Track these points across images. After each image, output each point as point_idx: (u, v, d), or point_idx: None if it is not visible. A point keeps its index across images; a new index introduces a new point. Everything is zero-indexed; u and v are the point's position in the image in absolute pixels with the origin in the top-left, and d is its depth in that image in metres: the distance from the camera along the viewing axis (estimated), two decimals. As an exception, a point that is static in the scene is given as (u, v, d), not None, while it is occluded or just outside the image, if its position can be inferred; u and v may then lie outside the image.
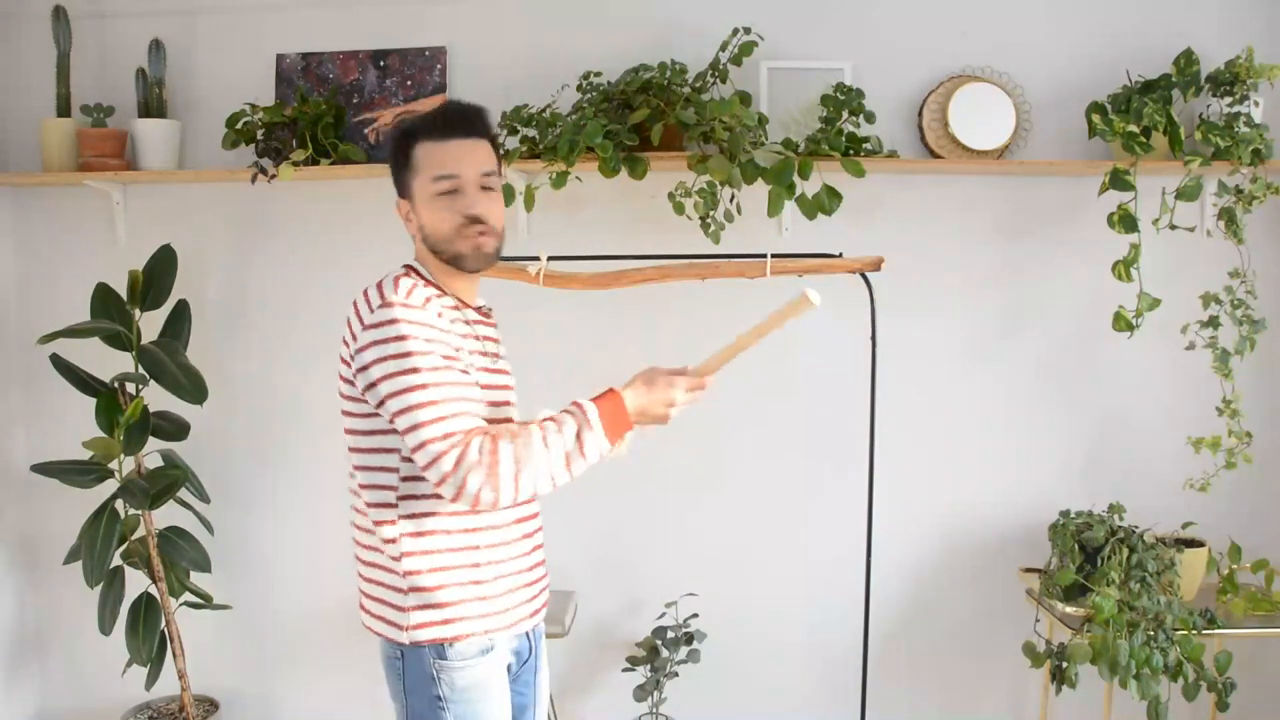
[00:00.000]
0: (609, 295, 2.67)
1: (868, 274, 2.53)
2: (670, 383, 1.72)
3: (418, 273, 1.75)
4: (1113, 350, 2.85)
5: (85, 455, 2.83)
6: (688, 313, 2.92)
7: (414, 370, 1.59)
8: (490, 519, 1.69)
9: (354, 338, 1.67)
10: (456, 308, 1.74)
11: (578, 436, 1.62)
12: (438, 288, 1.74)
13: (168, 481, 2.82)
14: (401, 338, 1.60)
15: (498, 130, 1.82)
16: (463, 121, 1.71)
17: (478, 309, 1.84)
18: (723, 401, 2.99)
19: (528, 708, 1.89)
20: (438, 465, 1.55)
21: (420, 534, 1.66)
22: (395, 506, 1.67)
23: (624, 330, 2.97)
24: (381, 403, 1.62)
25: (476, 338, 1.76)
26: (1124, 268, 2.60)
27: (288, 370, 3.07)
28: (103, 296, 2.86)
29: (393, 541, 1.67)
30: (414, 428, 1.57)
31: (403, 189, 1.77)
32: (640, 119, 2.63)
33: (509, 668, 1.81)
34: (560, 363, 2.99)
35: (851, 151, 2.70)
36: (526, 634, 1.83)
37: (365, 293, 1.69)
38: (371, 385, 1.63)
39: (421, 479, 1.64)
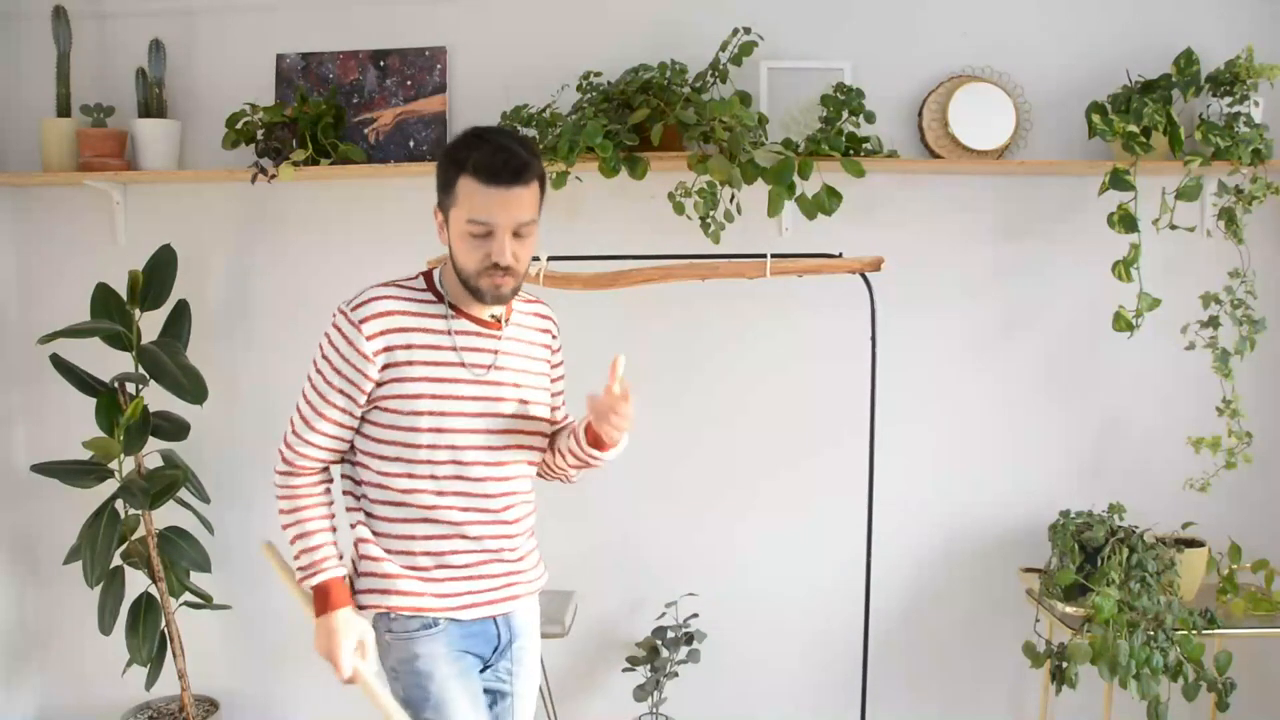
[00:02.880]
0: (609, 295, 2.67)
1: (867, 274, 2.54)
2: (336, 647, 1.77)
3: (428, 276, 1.85)
4: (1113, 350, 2.85)
5: (85, 455, 2.83)
6: (688, 313, 2.93)
7: (310, 378, 1.80)
8: (433, 527, 1.81)
9: None
10: (445, 317, 1.81)
11: (298, 559, 1.84)
12: (432, 288, 1.83)
13: (168, 481, 2.82)
14: (326, 343, 1.79)
15: (545, 169, 1.83)
16: (509, 171, 1.71)
17: (484, 320, 1.85)
18: (723, 402, 3.00)
19: (507, 695, 1.93)
20: (276, 466, 1.84)
21: (371, 521, 1.85)
22: (359, 501, 1.86)
23: (624, 330, 2.97)
24: None
25: (454, 349, 1.80)
26: (1124, 268, 2.60)
27: (288, 370, 3.05)
28: (103, 296, 2.87)
29: (353, 527, 1.88)
30: (290, 422, 1.82)
31: (441, 204, 1.79)
32: (640, 119, 2.63)
33: (477, 655, 1.86)
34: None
35: (851, 151, 2.70)
36: (494, 620, 1.87)
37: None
38: None
39: (375, 485, 1.82)
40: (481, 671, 1.89)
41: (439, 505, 1.78)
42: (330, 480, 1.88)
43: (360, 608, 1.82)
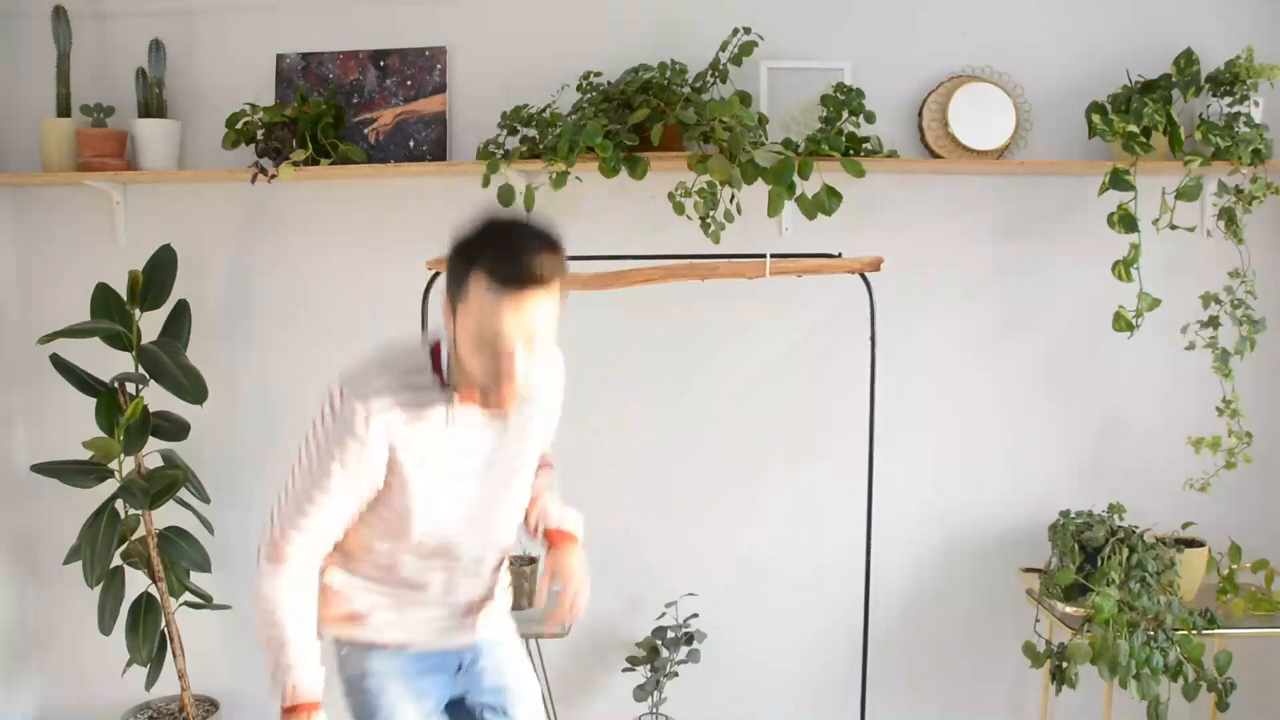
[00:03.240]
0: (609, 295, 2.67)
1: (867, 274, 2.53)
2: None
3: (436, 355, 1.67)
4: (1113, 350, 2.85)
5: (85, 455, 2.83)
6: (688, 313, 2.93)
7: (304, 457, 1.65)
8: (409, 590, 1.79)
9: None
10: (447, 408, 1.66)
11: (273, 665, 1.67)
12: (440, 376, 1.66)
13: (168, 481, 2.82)
14: (322, 424, 1.63)
15: (566, 260, 1.59)
16: (527, 277, 1.50)
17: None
18: (723, 401, 3.00)
19: (503, 689, 1.90)
20: (261, 546, 1.70)
21: (346, 564, 1.80)
22: (334, 548, 1.76)
23: (624, 330, 2.97)
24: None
25: (457, 447, 1.68)
26: (1124, 268, 2.60)
27: (288, 370, 3.07)
28: (103, 296, 2.86)
29: (323, 571, 1.78)
30: (278, 500, 1.69)
31: (449, 293, 1.58)
32: (640, 119, 2.63)
33: (439, 672, 1.86)
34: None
35: (851, 151, 2.70)
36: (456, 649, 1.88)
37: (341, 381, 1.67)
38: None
39: (356, 545, 1.76)
40: (460, 690, 1.88)
41: (420, 574, 1.78)
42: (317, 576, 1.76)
43: (321, 633, 1.77)
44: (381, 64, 2.97)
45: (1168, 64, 2.75)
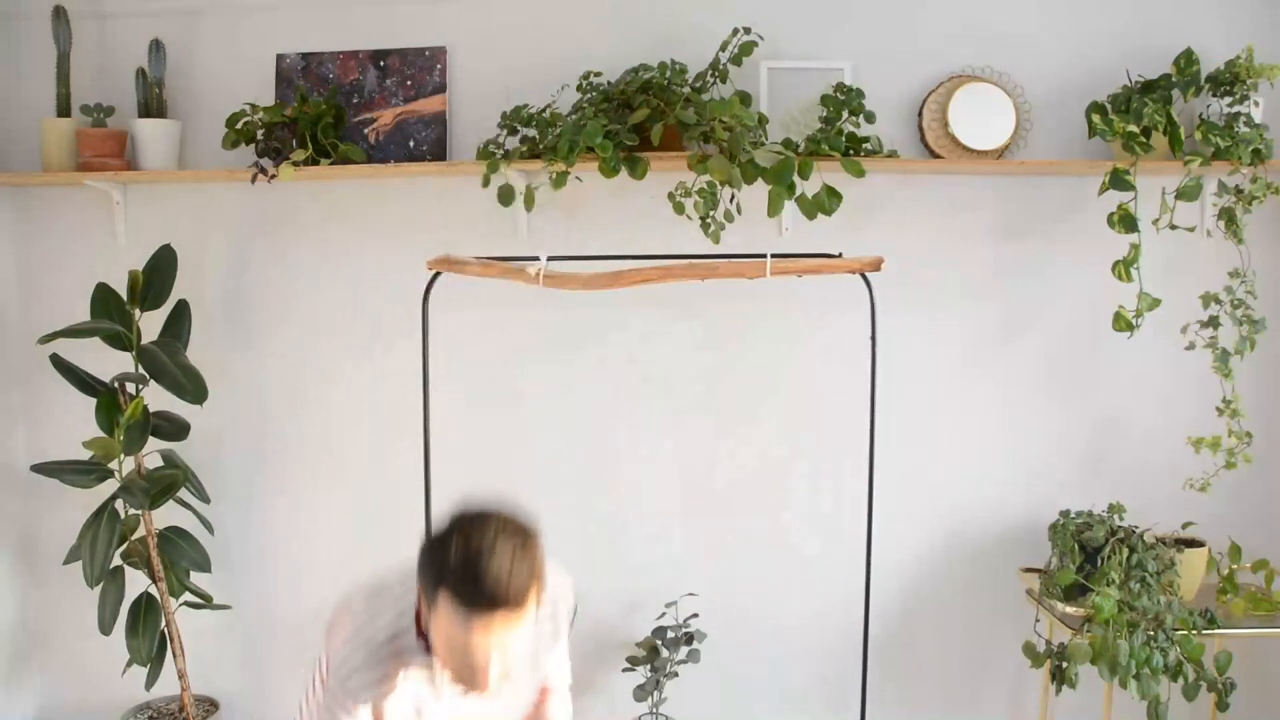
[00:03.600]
0: (608, 295, 2.67)
1: (867, 274, 2.53)
2: None
3: (419, 618, 1.63)
4: (1113, 350, 2.85)
5: (85, 455, 2.83)
6: (688, 313, 2.93)
7: (312, 715, 1.62)
8: None
9: None
10: (431, 674, 1.63)
11: None
12: (426, 641, 1.62)
13: (168, 481, 2.82)
14: (324, 700, 1.61)
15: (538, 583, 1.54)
16: (495, 602, 1.44)
17: None
18: (722, 401, 3.00)
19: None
20: None
21: None
22: None
23: (622, 331, 2.98)
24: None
25: (441, 700, 1.66)
26: (1124, 268, 2.60)
27: (288, 370, 3.07)
28: (103, 296, 2.86)
29: None
30: None
31: (422, 592, 1.54)
32: (640, 119, 2.63)
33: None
34: (561, 362, 2.99)
35: (851, 151, 2.70)
36: None
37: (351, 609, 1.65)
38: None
39: None
40: None
41: None
42: None
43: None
44: (381, 64, 2.97)
45: (1168, 64, 2.75)
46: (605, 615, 3.05)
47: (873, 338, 2.57)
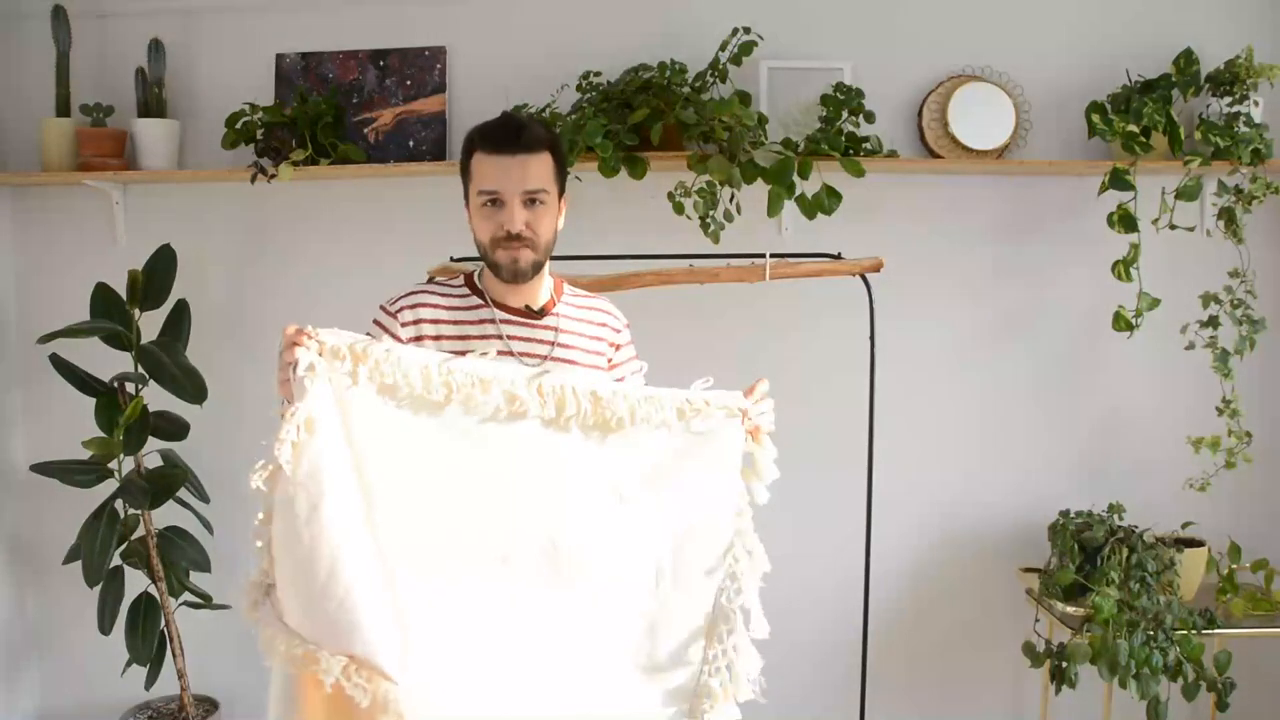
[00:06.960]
0: (608, 296, 2.67)
1: (867, 275, 2.53)
2: None
3: (469, 277, 1.86)
4: (1113, 350, 2.85)
5: (85, 455, 2.83)
6: (687, 312, 2.92)
7: None
8: None
9: None
10: (477, 308, 1.83)
11: None
12: (473, 288, 1.85)
13: (168, 481, 2.82)
14: (375, 327, 1.82)
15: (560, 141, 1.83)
16: (508, 138, 1.73)
17: (523, 310, 1.85)
18: (722, 401, 2.99)
19: None
20: None
21: None
22: None
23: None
24: None
25: (501, 337, 1.81)
26: (1124, 267, 2.60)
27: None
28: (103, 296, 2.86)
29: None
30: None
31: (465, 192, 1.82)
32: (640, 119, 2.63)
33: None
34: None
35: (851, 151, 2.70)
36: None
37: None
38: None
39: None
40: None
41: None
42: None
43: None
44: (381, 64, 2.97)
45: (1168, 64, 2.75)
46: (605, 615, 3.05)
47: (872, 338, 2.57)
